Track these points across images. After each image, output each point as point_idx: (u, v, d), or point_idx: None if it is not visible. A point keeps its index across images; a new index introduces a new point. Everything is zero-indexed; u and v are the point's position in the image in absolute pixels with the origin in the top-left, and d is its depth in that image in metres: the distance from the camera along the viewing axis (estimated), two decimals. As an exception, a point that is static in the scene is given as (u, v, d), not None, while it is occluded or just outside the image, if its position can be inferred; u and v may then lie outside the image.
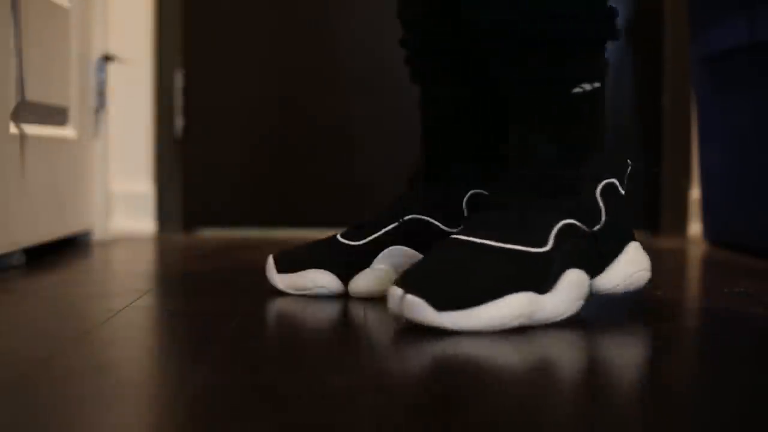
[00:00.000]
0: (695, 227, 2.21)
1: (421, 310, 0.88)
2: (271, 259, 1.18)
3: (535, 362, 0.85)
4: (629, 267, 1.03)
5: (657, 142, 2.27)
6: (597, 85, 0.97)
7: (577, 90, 0.96)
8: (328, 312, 1.07)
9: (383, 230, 1.16)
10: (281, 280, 1.16)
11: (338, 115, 2.25)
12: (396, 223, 1.16)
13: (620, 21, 1.21)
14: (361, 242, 1.16)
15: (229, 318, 1.02)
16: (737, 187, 1.84)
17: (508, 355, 0.87)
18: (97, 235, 1.92)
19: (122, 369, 0.80)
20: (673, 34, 2.25)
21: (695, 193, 2.21)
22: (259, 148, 2.26)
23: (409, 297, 0.88)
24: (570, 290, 0.96)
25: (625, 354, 0.92)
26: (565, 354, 0.89)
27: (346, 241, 1.17)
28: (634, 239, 1.05)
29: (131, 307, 1.07)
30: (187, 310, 1.09)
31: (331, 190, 2.25)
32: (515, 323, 0.92)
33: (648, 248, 1.10)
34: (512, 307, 0.90)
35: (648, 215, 2.27)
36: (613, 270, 1.02)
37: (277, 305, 1.11)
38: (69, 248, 1.73)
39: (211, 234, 2.21)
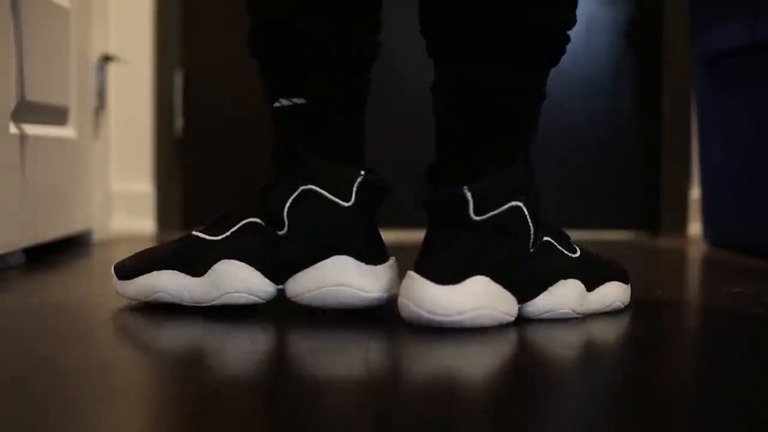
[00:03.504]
0: (695, 227, 2.21)
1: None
2: None
3: (536, 360, 0.85)
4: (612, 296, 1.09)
5: (657, 142, 2.27)
6: None
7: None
8: (330, 309, 1.07)
9: None
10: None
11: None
12: None
13: (612, 24, 1.23)
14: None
15: (229, 317, 1.01)
16: (737, 187, 1.84)
17: (498, 360, 0.87)
18: (97, 235, 1.92)
19: (122, 369, 0.80)
20: (673, 35, 2.25)
21: (695, 193, 2.21)
22: (259, 148, 2.26)
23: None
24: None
25: (625, 353, 0.92)
26: (564, 353, 0.89)
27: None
28: None
29: (131, 307, 1.07)
30: (186, 310, 1.09)
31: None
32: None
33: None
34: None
35: (648, 215, 2.27)
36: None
37: (276, 304, 1.11)
38: (69, 248, 1.73)
39: (211, 234, 2.21)
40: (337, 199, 1.00)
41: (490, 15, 0.95)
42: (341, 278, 0.99)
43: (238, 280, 1.01)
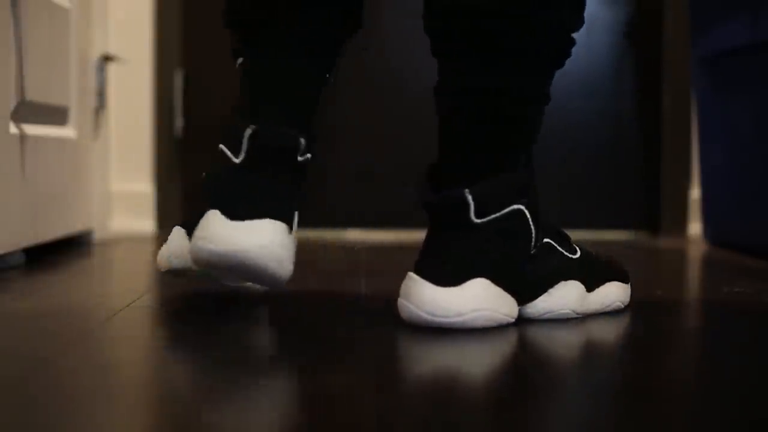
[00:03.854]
0: (695, 227, 2.21)
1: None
2: None
3: (536, 360, 0.85)
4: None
5: (657, 142, 2.27)
6: None
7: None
8: (330, 306, 1.07)
9: None
10: None
11: (337, 115, 2.25)
12: None
13: (612, 24, 1.21)
14: None
15: (229, 317, 1.01)
16: (737, 187, 1.84)
17: (498, 360, 0.87)
18: (97, 235, 1.92)
19: (122, 369, 0.80)
20: (673, 35, 2.25)
21: (695, 193, 2.21)
22: (259, 148, 2.26)
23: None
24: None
25: (625, 353, 0.92)
26: (564, 353, 0.89)
27: None
28: None
29: (131, 307, 1.07)
30: (186, 310, 1.09)
31: (329, 190, 2.25)
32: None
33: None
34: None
35: (648, 215, 2.27)
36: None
37: (275, 303, 1.11)
38: (69, 248, 1.73)
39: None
40: (231, 155, 1.01)
41: (494, 16, 0.95)
42: (198, 231, 0.97)
43: (172, 244, 1.10)
